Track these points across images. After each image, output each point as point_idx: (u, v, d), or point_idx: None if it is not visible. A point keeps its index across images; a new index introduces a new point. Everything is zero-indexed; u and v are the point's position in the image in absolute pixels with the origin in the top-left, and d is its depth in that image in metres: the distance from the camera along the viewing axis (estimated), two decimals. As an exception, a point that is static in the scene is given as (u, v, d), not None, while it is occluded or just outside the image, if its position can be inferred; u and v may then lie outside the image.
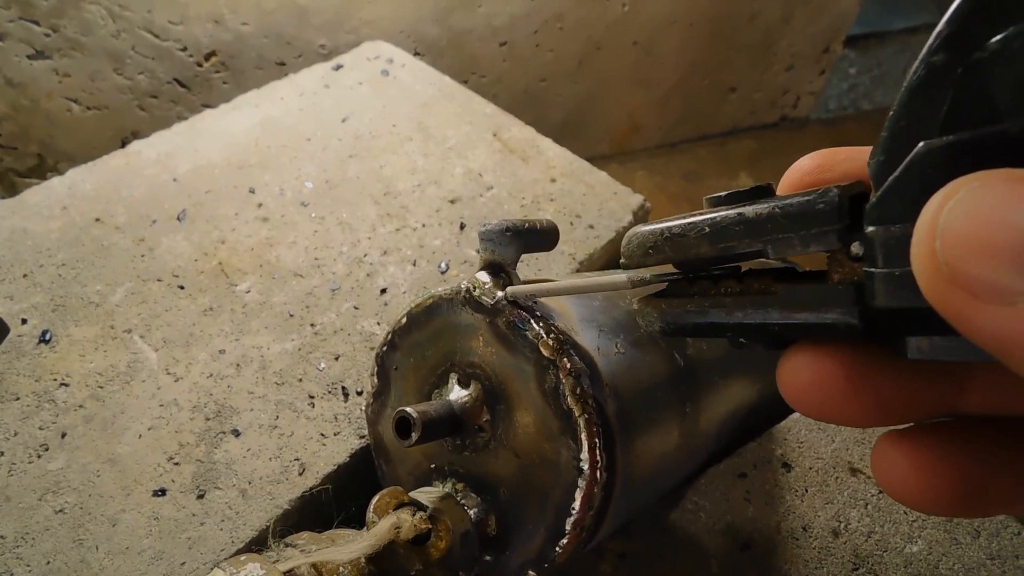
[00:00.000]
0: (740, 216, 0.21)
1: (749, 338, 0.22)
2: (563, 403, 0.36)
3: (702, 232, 0.22)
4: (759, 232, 0.20)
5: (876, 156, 0.17)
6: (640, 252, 0.24)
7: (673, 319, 0.24)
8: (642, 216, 0.71)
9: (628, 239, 0.25)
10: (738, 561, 0.47)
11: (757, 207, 0.20)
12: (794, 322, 0.20)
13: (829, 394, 0.20)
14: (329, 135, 0.71)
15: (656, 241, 0.23)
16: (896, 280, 0.17)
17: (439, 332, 0.41)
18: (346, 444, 0.49)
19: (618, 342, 0.40)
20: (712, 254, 0.22)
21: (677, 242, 0.23)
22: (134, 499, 0.45)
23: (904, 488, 0.19)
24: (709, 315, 0.23)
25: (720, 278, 0.23)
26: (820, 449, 0.53)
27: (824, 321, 0.20)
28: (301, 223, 0.62)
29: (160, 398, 0.49)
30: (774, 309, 0.21)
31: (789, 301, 0.20)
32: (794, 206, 0.19)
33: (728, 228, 0.21)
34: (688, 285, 0.24)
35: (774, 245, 0.20)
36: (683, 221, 0.22)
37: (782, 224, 0.20)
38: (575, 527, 0.36)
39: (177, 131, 0.69)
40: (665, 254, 0.23)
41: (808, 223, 0.19)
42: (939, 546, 0.49)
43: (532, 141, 0.75)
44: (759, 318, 0.21)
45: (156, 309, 0.54)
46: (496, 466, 0.39)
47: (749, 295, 0.22)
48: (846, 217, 0.18)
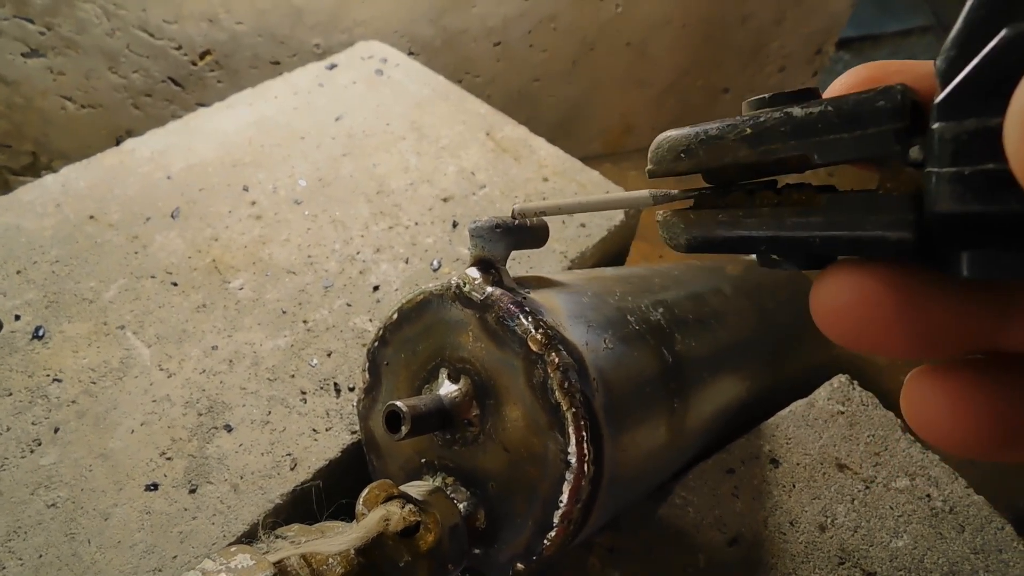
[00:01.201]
0: (787, 116, 0.19)
1: (784, 253, 0.20)
2: (551, 397, 0.36)
3: (743, 133, 0.20)
4: (808, 133, 0.18)
5: (947, 52, 0.16)
6: (671, 156, 0.22)
7: (701, 231, 0.22)
8: (633, 215, 0.72)
9: (658, 143, 0.23)
10: (725, 555, 0.47)
11: (807, 107, 0.19)
12: (839, 235, 0.19)
13: (871, 318, 0.18)
14: (323, 134, 0.72)
15: (690, 144, 0.21)
16: (965, 180, 0.15)
17: (429, 327, 0.42)
18: (338, 439, 0.49)
19: (607, 337, 0.41)
20: (751, 159, 0.20)
21: (714, 145, 0.21)
22: (126, 494, 0.45)
23: (937, 426, 0.18)
24: (742, 226, 0.21)
25: (756, 191, 0.21)
26: (808, 445, 0.54)
27: (873, 234, 0.18)
28: (294, 221, 0.63)
29: (153, 394, 0.50)
30: (816, 219, 0.19)
31: (835, 211, 0.19)
32: (850, 104, 0.18)
33: (772, 129, 0.19)
34: (720, 198, 0.22)
35: (823, 148, 0.18)
36: (721, 123, 0.21)
37: (834, 124, 0.18)
38: (563, 520, 0.37)
39: (171, 129, 0.70)
40: (699, 159, 0.21)
41: (865, 123, 0.17)
42: (924, 540, 0.50)
43: (525, 140, 0.75)
44: (799, 230, 0.19)
45: (149, 306, 0.55)
46: (485, 460, 0.39)
47: (789, 205, 0.20)
48: (908, 117, 0.17)
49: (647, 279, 0.55)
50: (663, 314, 0.47)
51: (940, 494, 0.52)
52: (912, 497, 0.52)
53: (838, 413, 0.56)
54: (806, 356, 0.70)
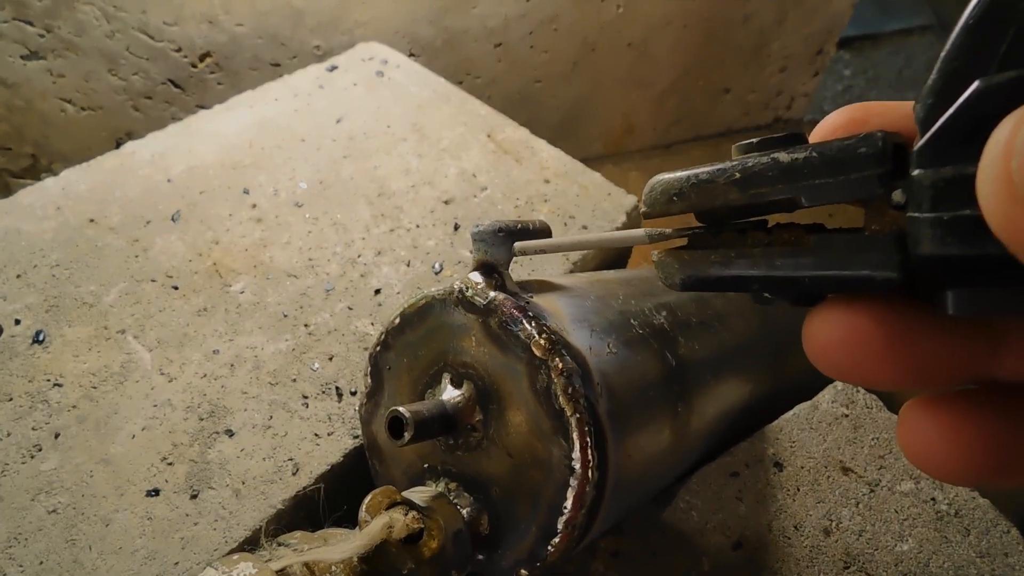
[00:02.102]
0: (774, 161, 0.20)
1: (776, 292, 0.21)
2: (555, 402, 0.36)
3: (732, 178, 0.21)
4: (794, 177, 0.19)
5: (924, 100, 0.17)
6: (664, 199, 0.23)
7: (695, 271, 0.23)
8: (636, 217, 0.71)
9: (651, 186, 0.23)
10: (730, 559, 0.47)
11: (792, 152, 0.19)
12: (827, 274, 0.19)
13: (861, 353, 0.19)
14: (323, 136, 0.72)
15: (682, 187, 0.22)
16: (944, 225, 0.16)
17: (432, 332, 0.41)
18: (340, 444, 0.49)
19: (610, 342, 0.41)
20: (742, 202, 0.21)
21: (704, 188, 0.21)
22: (127, 499, 0.45)
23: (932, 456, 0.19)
24: (734, 266, 0.21)
25: (747, 230, 0.22)
26: (812, 448, 0.54)
27: (860, 273, 0.19)
28: (295, 224, 0.63)
29: (154, 398, 0.49)
30: (805, 260, 0.20)
31: (823, 251, 0.19)
32: (833, 150, 0.18)
33: (760, 173, 0.20)
34: (712, 238, 0.23)
35: (809, 192, 0.19)
36: (712, 167, 0.21)
37: (819, 169, 0.19)
38: (567, 526, 0.37)
39: (171, 132, 0.70)
40: (691, 201, 0.22)
41: (848, 168, 0.18)
42: (929, 544, 0.49)
43: (526, 142, 0.75)
44: (789, 269, 0.20)
45: (150, 309, 0.54)
46: (489, 465, 0.39)
47: (778, 246, 0.21)
48: (889, 162, 0.17)
49: (649, 281, 0.55)
50: (666, 317, 0.47)
51: (945, 497, 0.52)
52: (917, 500, 0.52)
53: (842, 416, 0.56)
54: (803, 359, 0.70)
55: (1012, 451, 0.18)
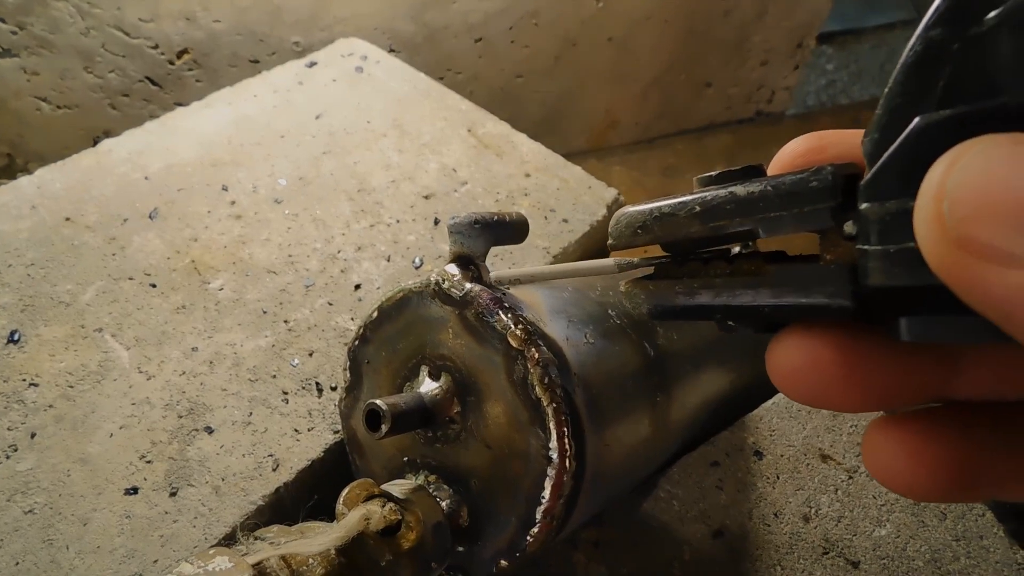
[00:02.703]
0: (731, 195, 0.20)
1: (738, 321, 0.22)
2: (531, 393, 0.36)
3: (692, 211, 0.21)
4: (751, 211, 0.20)
5: (871, 134, 0.17)
6: (628, 232, 0.23)
7: (661, 301, 0.23)
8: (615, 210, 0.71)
9: (616, 219, 0.24)
10: (711, 547, 0.48)
11: (748, 186, 0.20)
12: (785, 303, 0.20)
13: (821, 378, 0.19)
14: (303, 132, 0.71)
15: (645, 221, 0.23)
16: (890, 257, 0.16)
17: (410, 325, 0.41)
18: (320, 439, 0.49)
19: (587, 332, 0.41)
20: (703, 234, 0.21)
21: (667, 222, 0.22)
22: (105, 498, 0.44)
23: (896, 475, 0.19)
24: (698, 297, 0.22)
25: (710, 260, 0.23)
26: (791, 437, 0.54)
27: (816, 302, 0.19)
28: (275, 220, 0.62)
29: (132, 396, 0.49)
30: (765, 290, 0.20)
31: (780, 282, 0.20)
32: (786, 184, 0.19)
33: (719, 207, 0.21)
34: (677, 268, 0.23)
35: (766, 224, 0.20)
36: (673, 200, 0.22)
37: (774, 202, 0.19)
38: (545, 516, 0.37)
39: (149, 129, 0.69)
40: (654, 234, 0.23)
41: (801, 201, 0.19)
42: (907, 529, 0.50)
43: (507, 136, 0.75)
44: (749, 299, 0.21)
45: (128, 308, 0.54)
46: (468, 457, 0.39)
47: (739, 276, 0.21)
48: (839, 195, 0.18)
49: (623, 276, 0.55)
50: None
51: (922, 483, 0.52)
52: (895, 486, 0.52)
53: (821, 404, 0.56)
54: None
55: (974, 468, 0.19)
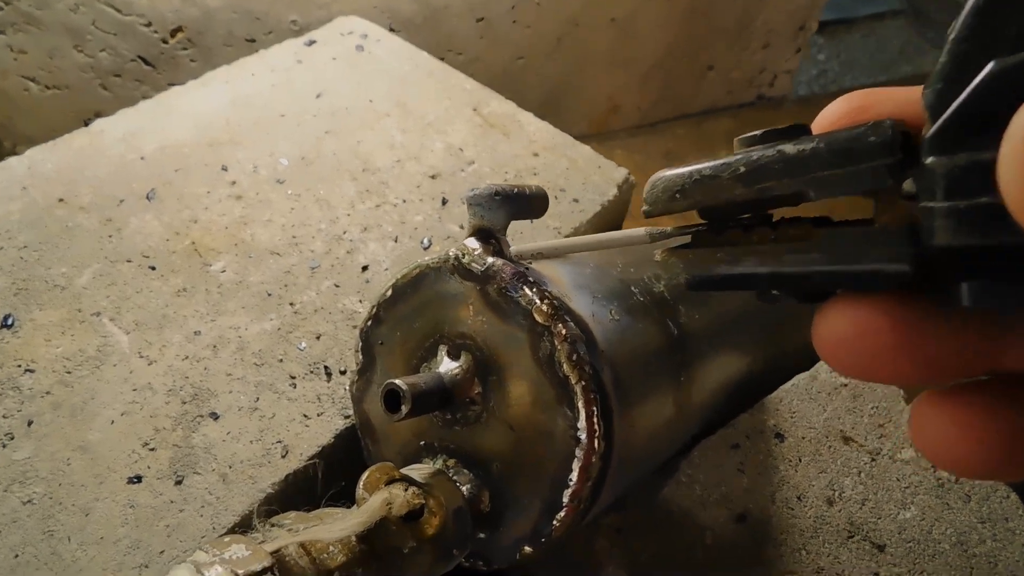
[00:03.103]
0: (779, 154, 0.19)
1: (784, 289, 0.20)
2: (559, 370, 0.34)
3: (736, 173, 0.20)
4: (801, 170, 0.19)
5: (933, 85, 0.16)
6: (666, 197, 0.22)
7: (701, 270, 0.22)
8: (626, 189, 0.70)
9: (652, 184, 0.23)
10: (733, 532, 0.46)
11: (799, 143, 0.19)
12: (837, 270, 0.19)
13: (871, 348, 0.18)
14: (303, 111, 0.69)
15: (684, 184, 0.21)
16: (960, 215, 0.15)
17: (426, 303, 0.40)
18: (330, 425, 0.47)
19: (612, 309, 0.39)
20: (747, 197, 0.20)
21: (708, 185, 0.21)
22: (108, 487, 0.43)
23: (948, 450, 0.18)
24: (741, 265, 0.21)
25: (751, 227, 0.21)
26: (812, 419, 0.53)
27: (872, 268, 0.18)
28: (277, 201, 0.60)
29: (133, 382, 0.47)
30: (815, 256, 0.19)
31: (832, 246, 0.19)
32: (841, 140, 0.18)
33: (766, 167, 0.19)
34: (716, 235, 0.22)
35: (817, 184, 0.18)
36: (715, 162, 0.21)
37: (827, 160, 0.18)
38: (572, 499, 0.35)
39: (143, 109, 0.67)
40: (693, 198, 0.21)
41: (857, 158, 0.17)
42: (931, 511, 0.49)
43: (513, 116, 0.73)
44: (798, 266, 0.19)
45: (126, 291, 0.52)
46: (489, 440, 0.38)
47: (786, 242, 0.20)
48: (900, 150, 0.17)
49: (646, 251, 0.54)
50: (665, 285, 0.46)
51: (945, 464, 0.51)
52: (917, 468, 0.51)
53: (841, 386, 0.55)
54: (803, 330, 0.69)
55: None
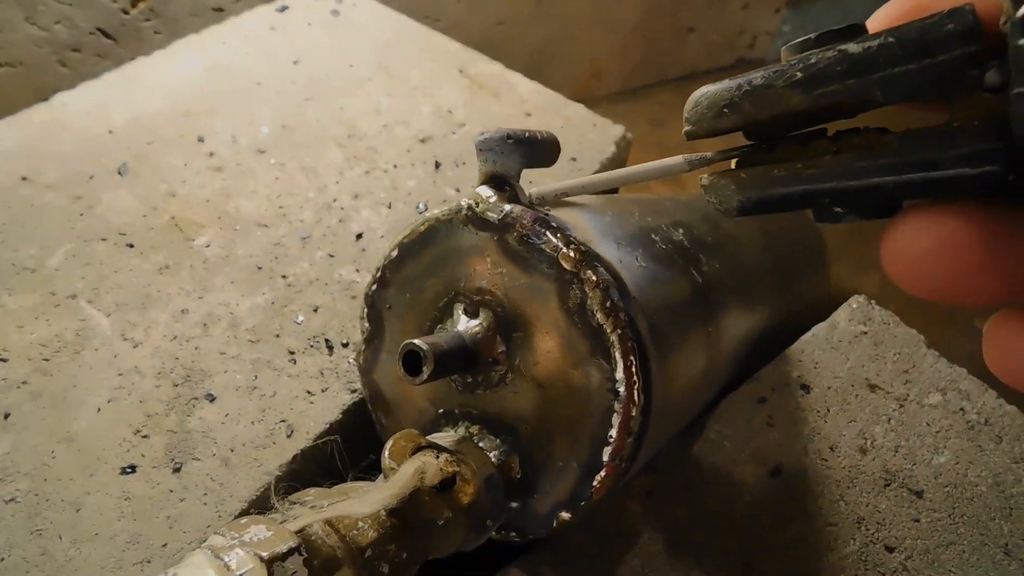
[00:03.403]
0: (841, 54, 0.17)
1: (850, 205, 0.18)
2: (591, 320, 0.32)
3: (793, 79, 0.18)
4: (868, 69, 0.16)
5: None
6: (712, 113, 0.20)
7: (756, 191, 0.19)
8: (624, 147, 0.67)
9: (695, 101, 0.20)
10: (769, 487, 0.44)
11: (863, 41, 0.17)
12: (915, 177, 0.17)
13: (959, 264, 0.16)
14: (281, 78, 0.65)
15: (732, 97, 0.19)
16: None
17: (438, 260, 0.36)
18: (336, 400, 0.44)
19: (638, 255, 0.37)
20: (804, 106, 0.18)
21: (760, 95, 0.18)
22: (99, 479, 0.39)
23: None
24: (803, 179, 0.18)
25: (807, 141, 0.19)
26: (836, 368, 0.51)
27: (955, 172, 0.16)
28: (260, 171, 0.56)
29: (118, 366, 0.43)
30: (886, 163, 0.17)
31: (906, 152, 0.17)
32: (914, 32, 0.16)
33: (827, 70, 0.17)
34: (768, 153, 0.20)
35: (887, 85, 0.16)
36: (766, 71, 0.18)
37: (898, 56, 0.16)
38: (613, 457, 0.33)
39: (108, 81, 0.62)
40: (744, 112, 0.19)
41: (933, 50, 0.15)
42: (965, 455, 0.47)
43: (502, 76, 0.70)
44: (869, 175, 0.17)
45: (104, 271, 0.48)
46: (515, 402, 0.35)
47: (851, 152, 0.18)
48: (981, 37, 0.15)
49: (658, 202, 0.51)
50: (684, 234, 0.43)
51: (973, 407, 0.50)
52: (947, 412, 0.49)
53: (861, 334, 0.53)
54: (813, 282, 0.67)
55: None
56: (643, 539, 0.41)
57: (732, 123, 0.20)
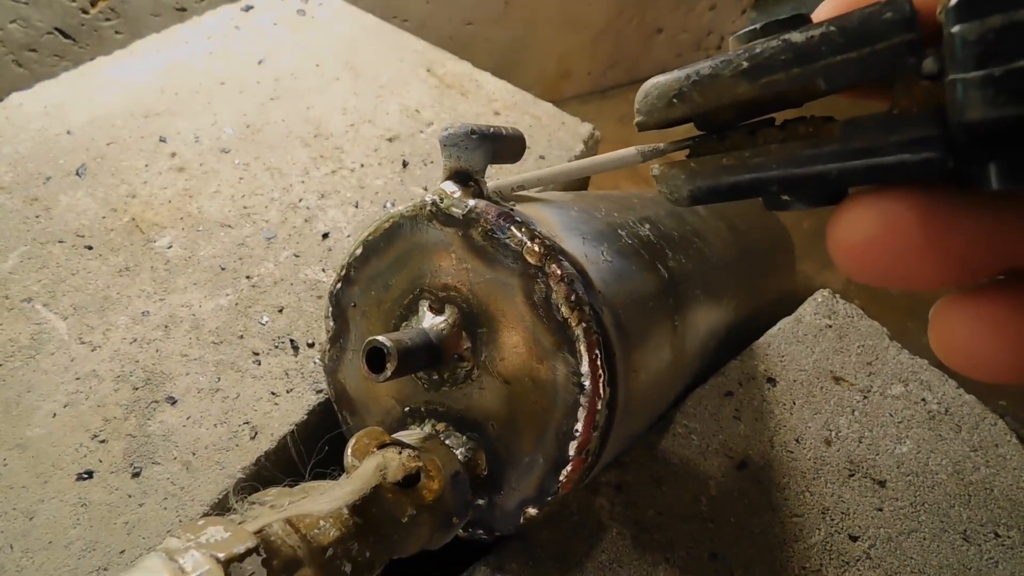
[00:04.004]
0: (786, 43, 0.17)
1: (797, 192, 0.19)
2: (556, 314, 0.32)
3: (739, 68, 0.18)
4: (811, 58, 0.17)
5: None
6: (662, 104, 0.20)
7: (706, 180, 0.20)
8: (593, 145, 0.68)
9: (645, 92, 0.20)
10: (736, 480, 0.45)
11: (806, 31, 0.17)
12: (857, 164, 0.17)
13: (899, 249, 0.16)
14: (245, 78, 0.64)
15: (681, 87, 0.19)
16: (996, 82, 0.14)
17: (403, 256, 0.36)
18: (302, 401, 0.43)
19: (603, 250, 0.37)
20: (752, 94, 0.18)
21: (708, 85, 0.19)
22: (54, 486, 0.38)
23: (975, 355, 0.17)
24: (750, 168, 0.19)
25: (756, 130, 0.19)
26: (801, 361, 0.52)
27: (896, 158, 0.16)
28: (223, 171, 0.55)
29: (75, 371, 0.42)
30: (830, 151, 0.17)
31: (849, 139, 0.17)
32: (854, 21, 0.16)
33: (772, 59, 0.17)
34: (719, 143, 0.20)
35: (829, 73, 0.17)
36: (713, 60, 0.19)
37: (840, 45, 0.16)
38: (579, 451, 0.33)
39: (65, 81, 0.61)
40: (693, 102, 0.19)
41: (873, 38, 0.16)
42: (926, 444, 0.48)
43: (470, 75, 0.70)
44: (814, 163, 0.18)
45: (60, 273, 0.47)
46: (482, 398, 0.35)
47: (797, 139, 0.18)
48: (918, 26, 0.15)
49: (626, 198, 0.51)
50: (650, 229, 0.44)
51: (934, 397, 0.51)
52: (909, 403, 0.50)
53: (826, 327, 0.54)
54: (781, 277, 0.68)
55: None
56: (611, 534, 0.41)
57: (682, 113, 0.20)
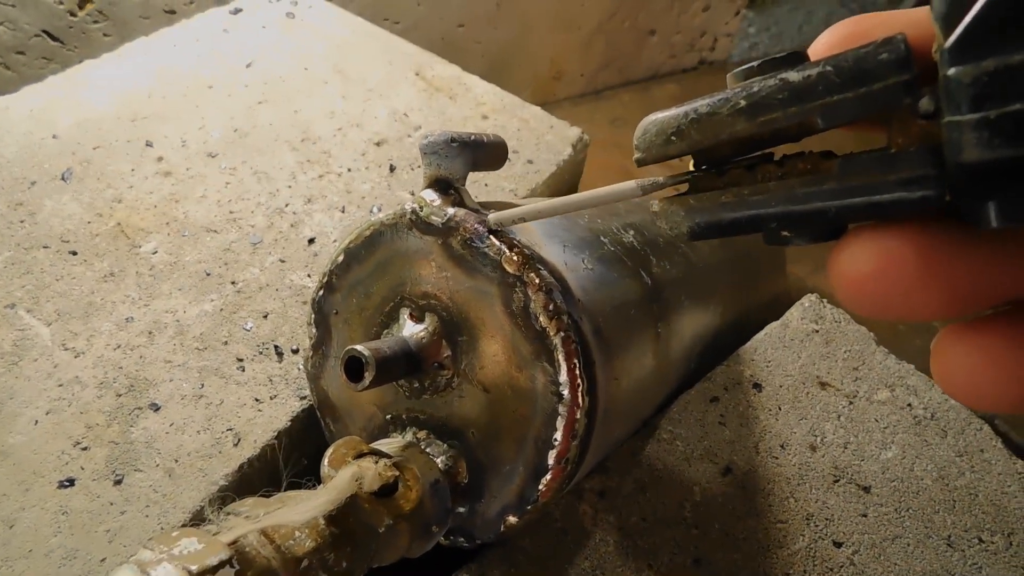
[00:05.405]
0: (783, 83, 0.18)
1: (796, 229, 0.19)
2: (535, 323, 0.32)
3: (736, 107, 0.18)
4: (807, 97, 0.17)
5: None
6: (660, 140, 0.20)
7: (704, 215, 0.20)
8: (581, 149, 0.68)
9: (644, 128, 0.21)
10: (721, 485, 0.45)
11: (803, 70, 0.17)
12: (855, 201, 0.17)
13: (899, 284, 0.17)
14: (233, 81, 0.64)
15: (679, 125, 0.20)
16: (991, 125, 0.14)
17: (384, 264, 0.36)
18: (285, 407, 0.43)
19: (585, 258, 0.37)
20: (750, 132, 0.18)
21: (706, 123, 0.19)
22: (35, 494, 0.38)
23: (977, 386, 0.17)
24: (749, 205, 0.19)
25: (754, 166, 0.20)
26: (788, 367, 0.52)
27: (893, 196, 0.17)
28: (210, 175, 0.55)
29: (58, 377, 0.42)
30: (829, 188, 0.18)
31: (847, 176, 0.17)
32: (850, 61, 0.16)
33: (769, 97, 0.18)
34: (717, 178, 0.20)
35: (826, 112, 0.17)
36: (711, 99, 0.19)
37: (836, 84, 0.17)
38: (559, 460, 0.33)
39: (52, 83, 0.60)
40: (691, 140, 0.20)
41: (869, 79, 0.16)
42: (911, 449, 0.48)
43: (458, 79, 0.70)
44: (812, 201, 0.18)
45: (44, 279, 0.47)
46: (462, 406, 0.35)
47: (795, 176, 0.18)
48: (914, 66, 0.16)
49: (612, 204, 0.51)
50: (635, 236, 0.43)
51: (920, 402, 0.51)
52: (894, 408, 0.50)
53: (813, 332, 0.54)
54: (767, 282, 0.68)
55: None
56: (594, 540, 0.41)
57: (679, 150, 0.20)
